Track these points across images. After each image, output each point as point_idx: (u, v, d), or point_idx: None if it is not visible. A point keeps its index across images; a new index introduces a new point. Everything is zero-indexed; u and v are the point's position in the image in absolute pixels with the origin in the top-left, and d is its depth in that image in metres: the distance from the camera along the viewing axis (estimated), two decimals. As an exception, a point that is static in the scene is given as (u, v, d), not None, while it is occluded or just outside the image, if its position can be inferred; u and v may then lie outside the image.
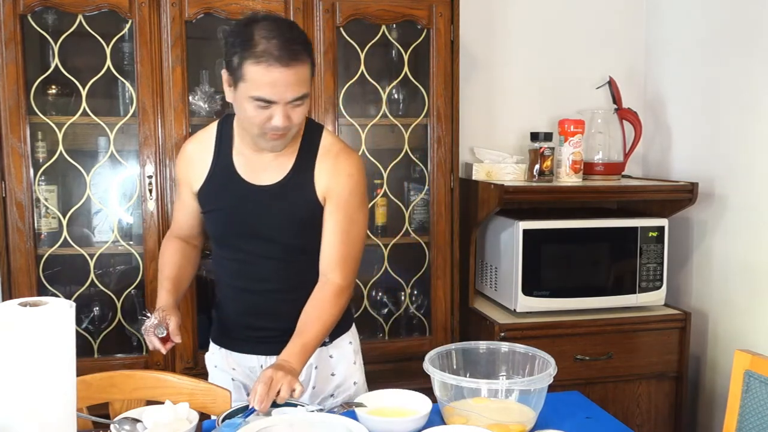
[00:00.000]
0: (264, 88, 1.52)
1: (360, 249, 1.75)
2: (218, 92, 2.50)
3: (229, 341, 1.84)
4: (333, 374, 1.83)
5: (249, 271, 1.75)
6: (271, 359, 1.73)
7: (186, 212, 1.85)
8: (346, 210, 1.70)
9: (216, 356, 1.87)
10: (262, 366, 1.79)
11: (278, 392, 1.49)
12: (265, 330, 1.77)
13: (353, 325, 1.92)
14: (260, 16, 1.59)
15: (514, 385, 1.57)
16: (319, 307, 1.68)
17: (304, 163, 1.71)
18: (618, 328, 2.56)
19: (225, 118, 1.80)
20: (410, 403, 1.58)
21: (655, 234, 2.60)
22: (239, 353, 1.82)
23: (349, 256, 1.71)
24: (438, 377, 1.53)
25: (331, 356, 1.82)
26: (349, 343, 1.86)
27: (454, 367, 1.65)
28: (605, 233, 2.59)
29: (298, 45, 1.54)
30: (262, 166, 1.71)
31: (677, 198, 2.64)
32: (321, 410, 1.56)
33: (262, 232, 1.71)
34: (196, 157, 1.77)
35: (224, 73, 1.60)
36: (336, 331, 1.78)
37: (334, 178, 1.70)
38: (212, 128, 1.79)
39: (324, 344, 1.79)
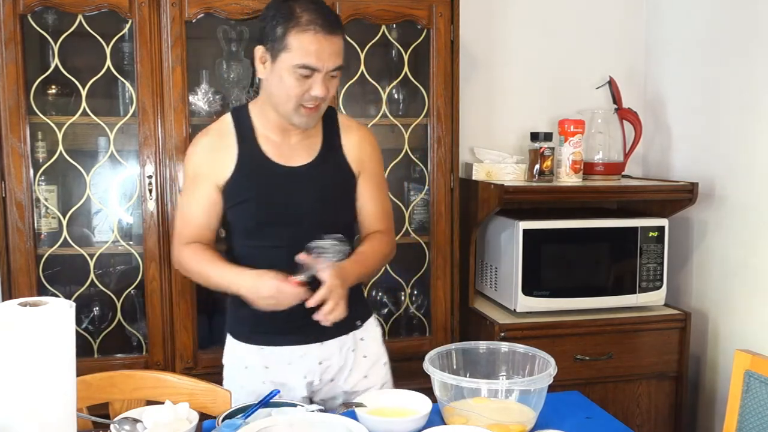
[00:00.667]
0: (310, 56, 1.59)
1: (390, 205, 1.94)
2: (218, 92, 2.51)
3: (262, 336, 1.79)
4: (365, 356, 1.87)
5: (283, 256, 1.68)
6: (311, 347, 1.78)
7: (206, 210, 1.76)
8: (375, 177, 1.87)
9: (247, 355, 1.81)
10: (301, 356, 1.78)
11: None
12: (302, 317, 1.65)
13: None
14: None
15: (514, 385, 1.57)
16: (370, 242, 1.82)
17: (331, 141, 1.81)
18: (618, 328, 2.56)
19: (236, 109, 1.82)
20: (410, 403, 1.58)
21: (655, 234, 2.60)
22: (276, 347, 1.79)
23: (385, 212, 1.89)
24: (438, 377, 1.53)
25: (362, 339, 1.87)
26: (376, 326, 1.93)
27: (454, 367, 1.65)
28: (605, 233, 2.59)
29: (335, 18, 1.67)
30: (291, 149, 1.76)
31: (677, 198, 2.64)
32: (321, 410, 1.56)
33: (297, 214, 1.74)
34: (218, 150, 1.75)
35: (259, 50, 1.65)
36: (365, 314, 1.90)
37: (363, 151, 1.84)
38: (226, 119, 1.79)
39: (356, 327, 1.85)
